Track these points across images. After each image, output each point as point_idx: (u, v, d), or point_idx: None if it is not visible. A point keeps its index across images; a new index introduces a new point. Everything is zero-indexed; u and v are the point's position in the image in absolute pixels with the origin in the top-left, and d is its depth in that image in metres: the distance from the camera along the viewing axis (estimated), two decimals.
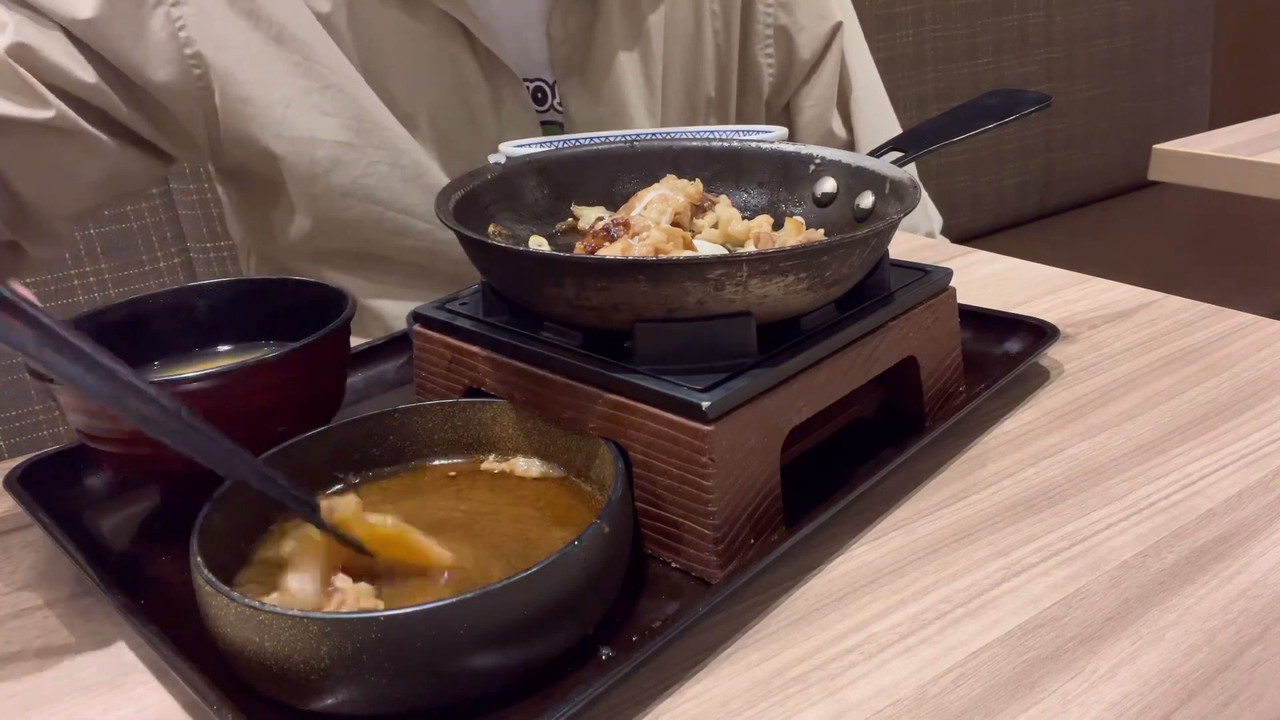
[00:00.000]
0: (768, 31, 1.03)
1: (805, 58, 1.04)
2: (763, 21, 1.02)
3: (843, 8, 1.06)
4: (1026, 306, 0.78)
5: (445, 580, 0.45)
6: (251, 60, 0.83)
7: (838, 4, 1.06)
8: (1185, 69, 2.43)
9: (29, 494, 0.56)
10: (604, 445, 0.50)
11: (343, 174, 0.88)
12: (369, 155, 0.88)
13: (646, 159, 0.68)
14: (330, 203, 0.89)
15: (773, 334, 0.51)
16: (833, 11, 1.05)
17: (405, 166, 0.89)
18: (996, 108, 0.68)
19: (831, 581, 0.49)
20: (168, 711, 0.44)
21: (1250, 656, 0.43)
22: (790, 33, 1.03)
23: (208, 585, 0.41)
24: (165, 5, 0.81)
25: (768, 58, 1.04)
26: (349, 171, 0.88)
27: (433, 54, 0.88)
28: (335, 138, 0.87)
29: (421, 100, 0.89)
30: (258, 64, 0.84)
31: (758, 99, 1.06)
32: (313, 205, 0.89)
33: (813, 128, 1.08)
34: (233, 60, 0.83)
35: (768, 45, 1.04)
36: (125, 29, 0.80)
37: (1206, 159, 1.30)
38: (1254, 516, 0.52)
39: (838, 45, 1.05)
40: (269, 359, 0.53)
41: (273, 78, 0.84)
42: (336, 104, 0.86)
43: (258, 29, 0.83)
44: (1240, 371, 0.66)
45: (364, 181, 0.88)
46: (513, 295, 0.56)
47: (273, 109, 0.85)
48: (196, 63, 0.82)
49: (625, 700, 0.43)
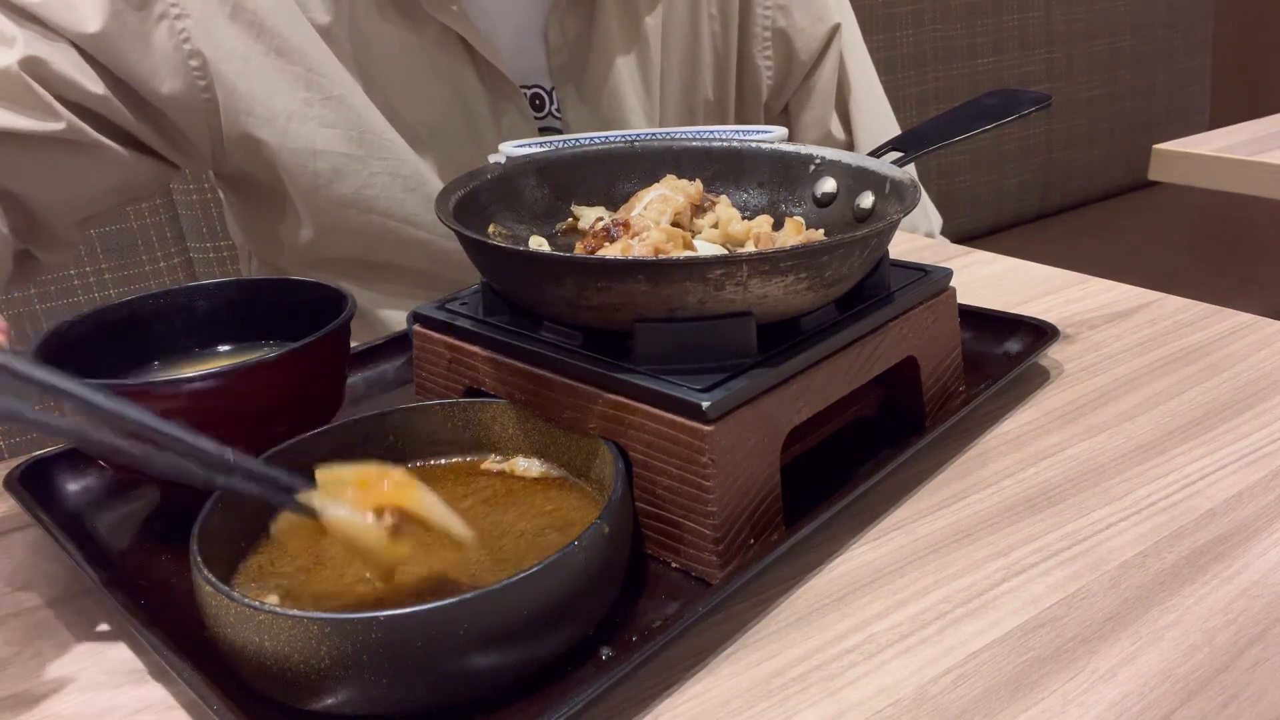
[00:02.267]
0: (766, 34, 1.03)
1: (803, 60, 1.04)
2: (761, 24, 1.02)
3: (840, 9, 1.06)
4: (1026, 306, 0.78)
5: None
6: (253, 72, 0.84)
7: (836, 6, 1.05)
8: (1185, 69, 2.43)
9: (29, 494, 0.56)
10: (604, 445, 0.50)
11: (344, 184, 0.88)
12: (370, 166, 0.88)
13: (646, 159, 0.68)
14: (333, 213, 0.89)
15: (773, 334, 0.51)
16: (831, 14, 1.04)
17: (406, 176, 0.89)
18: (996, 108, 0.68)
19: (831, 581, 0.49)
20: (168, 712, 0.44)
21: (1250, 656, 0.43)
22: (788, 35, 1.03)
23: (208, 585, 0.41)
24: (169, 18, 0.81)
25: (766, 60, 1.04)
26: (350, 182, 0.88)
27: (433, 66, 0.88)
28: (337, 149, 0.87)
29: (422, 111, 0.90)
30: (259, 76, 0.84)
31: (756, 101, 1.06)
32: (316, 214, 0.90)
33: (811, 130, 1.08)
34: (235, 72, 0.84)
35: (766, 48, 1.03)
36: (131, 42, 0.80)
37: (1206, 159, 1.29)
38: (1254, 516, 0.52)
39: (836, 47, 1.05)
40: (269, 359, 0.53)
41: (274, 89, 0.85)
42: (338, 115, 0.86)
43: (259, 40, 0.84)
44: (1240, 371, 0.66)
45: (365, 192, 0.89)
46: (513, 295, 0.56)
47: (275, 120, 0.85)
48: (201, 74, 0.83)
49: (625, 700, 0.43)
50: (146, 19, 0.81)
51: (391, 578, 0.44)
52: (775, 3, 1.02)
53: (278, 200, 0.92)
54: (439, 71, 0.88)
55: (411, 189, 0.89)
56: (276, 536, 0.47)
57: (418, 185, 0.89)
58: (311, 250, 0.93)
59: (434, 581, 0.45)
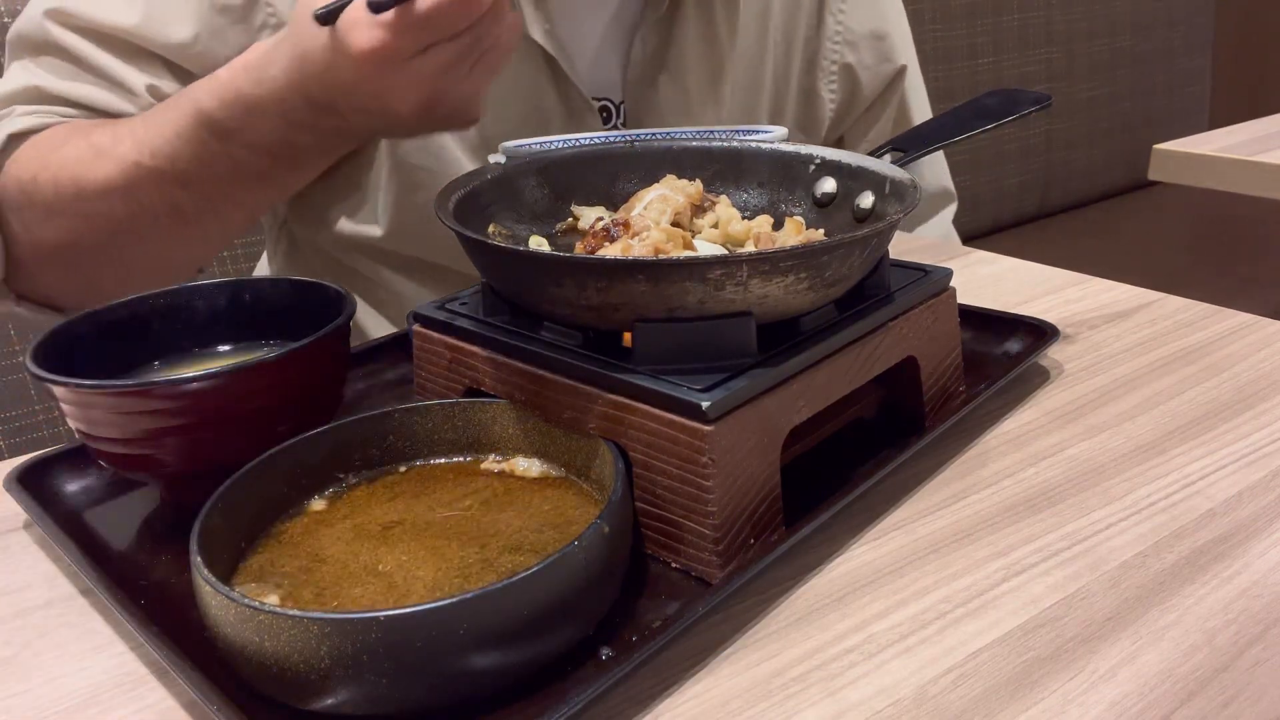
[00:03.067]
0: (833, 67, 1.05)
1: (866, 95, 1.07)
2: (829, 57, 1.05)
3: (907, 53, 1.08)
4: (1026, 306, 0.78)
5: None
6: None
7: (903, 48, 1.08)
8: (1185, 69, 2.43)
9: (29, 494, 0.56)
10: (604, 445, 0.50)
11: (422, 195, 0.89)
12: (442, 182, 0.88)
13: (646, 159, 0.68)
14: (415, 215, 0.90)
15: (773, 334, 0.51)
16: (898, 55, 1.07)
17: None
18: (996, 108, 0.68)
19: (831, 581, 0.49)
20: (168, 712, 0.44)
21: (1250, 657, 0.43)
22: (855, 71, 1.05)
23: (208, 585, 0.41)
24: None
25: (831, 92, 1.06)
26: (427, 194, 0.88)
27: (514, 80, 0.88)
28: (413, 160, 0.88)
29: (498, 125, 0.90)
30: None
31: (816, 131, 1.09)
32: (397, 216, 0.91)
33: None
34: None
35: (832, 80, 1.06)
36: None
37: (1206, 159, 1.30)
38: (1254, 516, 0.52)
39: (898, 87, 1.08)
40: (269, 359, 0.53)
41: None
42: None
43: None
44: (1240, 371, 0.66)
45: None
46: (513, 295, 0.56)
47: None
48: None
49: (625, 700, 0.43)
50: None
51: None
52: (845, 39, 1.04)
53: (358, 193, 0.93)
54: (519, 87, 0.89)
55: None
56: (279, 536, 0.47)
57: None
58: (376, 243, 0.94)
59: (434, 581, 0.45)
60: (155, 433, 0.52)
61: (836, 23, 1.04)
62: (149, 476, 0.56)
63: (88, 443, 0.55)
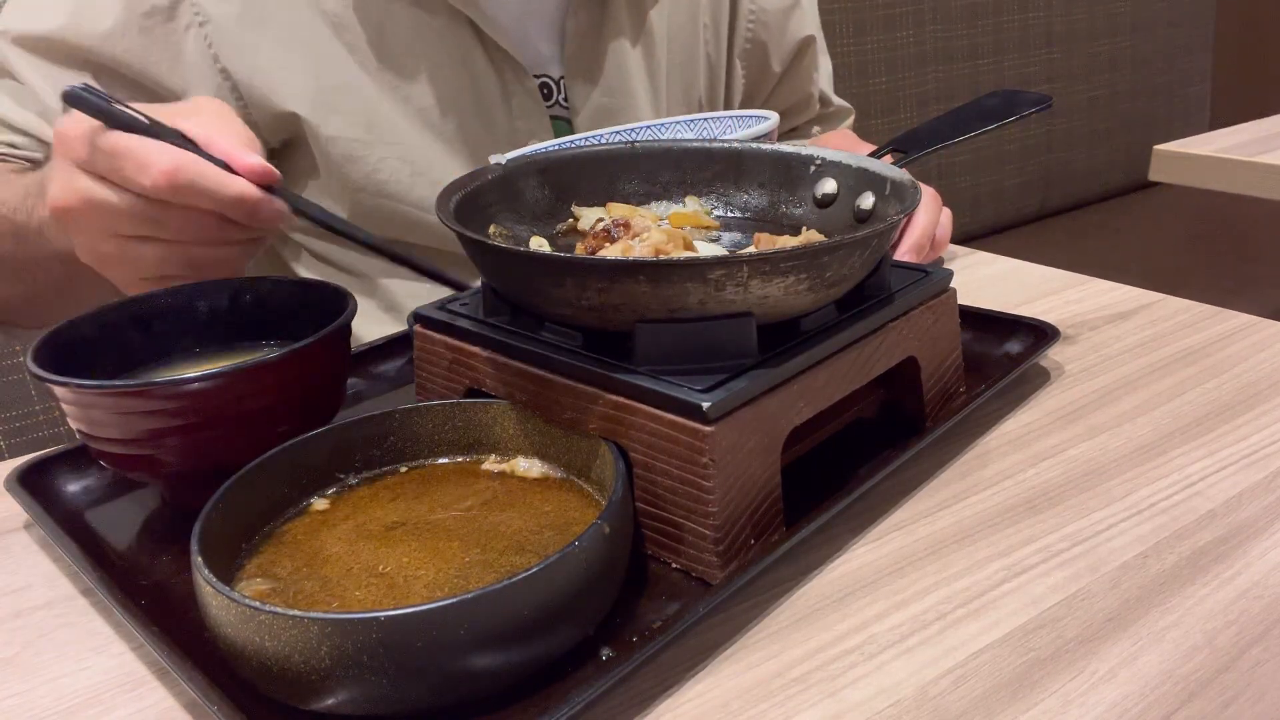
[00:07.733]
0: (746, 45, 1.09)
1: (775, 70, 1.12)
2: (743, 35, 1.09)
3: (815, 24, 1.14)
4: (1027, 307, 0.78)
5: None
6: (265, 65, 0.85)
7: (811, 20, 1.13)
8: (1185, 69, 2.43)
9: (29, 494, 0.56)
10: (604, 446, 0.50)
11: (356, 169, 0.89)
12: (379, 151, 0.89)
13: (647, 160, 0.68)
14: (347, 197, 0.91)
15: (773, 334, 0.51)
16: (805, 27, 1.12)
17: (415, 161, 0.90)
18: (997, 109, 0.68)
19: (832, 582, 0.49)
20: (168, 711, 0.44)
21: (1251, 657, 0.43)
22: (767, 47, 1.10)
23: (208, 585, 0.41)
24: (194, 26, 0.83)
25: (744, 68, 1.11)
26: (361, 167, 0.89)
27: (443, 48, 0.89)
28: (347, 134, 0.88)
29: (432, 94, 0.90)
30: (270, 68, 0.85)
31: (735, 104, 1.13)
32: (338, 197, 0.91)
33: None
34: (248, 68, 0.85)
35: (744, 57, 1.10)
36: (163, 54, 0.82)
37: (1206, 160, 1.30)
38: (1254, 517, 0.52)
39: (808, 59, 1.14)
40: (269, 359, 0.53)
41: (285, 79, 0.86)
42: (347, 101, 0.87)
43: (267, 32, 0.85)
44: (1240, 372, 0.66)
45: (376, 177, 0.90)
46: (513, 296, 0.56)
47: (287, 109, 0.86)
48: (226, 75, 0.85)
49: (625, 700, 0.43)
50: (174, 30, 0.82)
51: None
52: (758, 19, 1.09)
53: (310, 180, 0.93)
54: (449, 53, 0.89)
55: (420, 173, 0.90)
56: (280, 536, 0.47)
57: (426, 169, 0.90)
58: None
59: (435, 582, 0.45)
60: (156, 433, 0.52)
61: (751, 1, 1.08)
62: (150, 477, 0.56)
63: (88, 443, 0.55)
